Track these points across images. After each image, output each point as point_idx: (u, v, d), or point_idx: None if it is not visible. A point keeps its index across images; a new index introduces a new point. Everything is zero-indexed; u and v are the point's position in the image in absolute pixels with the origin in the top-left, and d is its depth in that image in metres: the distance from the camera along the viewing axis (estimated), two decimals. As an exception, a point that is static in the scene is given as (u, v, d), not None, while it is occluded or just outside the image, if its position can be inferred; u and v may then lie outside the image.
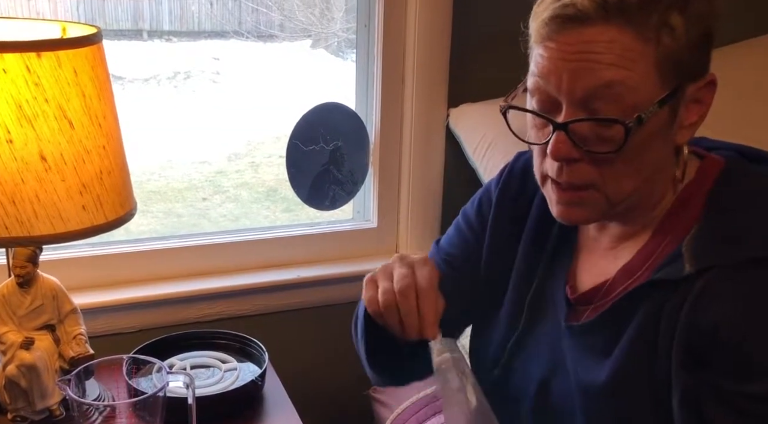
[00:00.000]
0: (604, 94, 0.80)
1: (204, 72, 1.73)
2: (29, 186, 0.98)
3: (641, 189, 0.86)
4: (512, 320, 1.00)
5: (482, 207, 1.06)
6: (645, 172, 0.85)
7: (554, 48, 0.81)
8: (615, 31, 0.79)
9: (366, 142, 1.58)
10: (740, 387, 0.78)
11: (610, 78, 0.79)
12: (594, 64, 0.79)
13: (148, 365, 1.08)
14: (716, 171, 0.88)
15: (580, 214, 0.87)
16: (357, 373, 1.62)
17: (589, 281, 0.94)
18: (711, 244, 0.82)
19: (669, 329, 0.82)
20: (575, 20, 0.79)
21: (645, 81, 0.80)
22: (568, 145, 0.82)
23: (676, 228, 0.87)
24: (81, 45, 0.99)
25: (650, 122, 0.80)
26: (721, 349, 0.79)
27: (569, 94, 0.81)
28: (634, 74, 0.79)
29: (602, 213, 0.87)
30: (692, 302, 0.80)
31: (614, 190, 0.84)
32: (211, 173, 1.76)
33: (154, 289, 1.45)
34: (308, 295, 1.56)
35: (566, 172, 0.84)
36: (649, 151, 0.83)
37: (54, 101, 0.98)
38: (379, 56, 1.51)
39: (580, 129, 0.81)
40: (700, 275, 0.81)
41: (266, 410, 1.27)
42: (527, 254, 1.00)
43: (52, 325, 1.16)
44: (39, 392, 1.12)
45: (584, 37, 0.79)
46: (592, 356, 0.89)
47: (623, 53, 0.79)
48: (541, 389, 0.95)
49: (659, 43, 0.79)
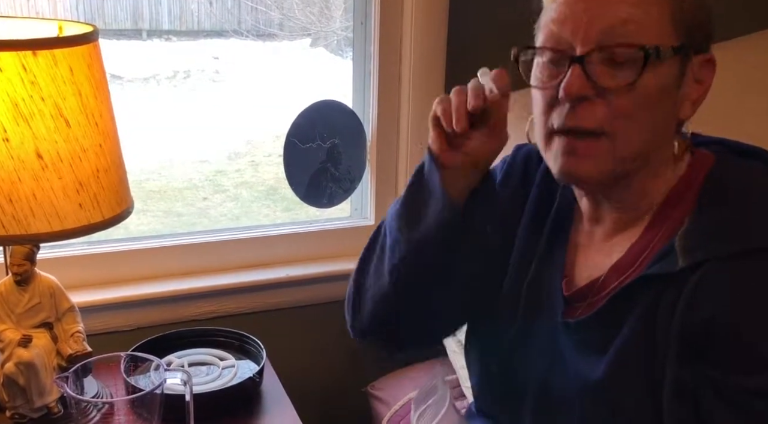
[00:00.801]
0: (620, 32, 0.81)
1: (203, 71, 1.73)
2: (26, 184, 0.99)
3: (644, 150, 0.85)
4: (509, 313, 1.00)
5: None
6: (652, 129, 0.85)
7: None
8: None
9: (363, 140, 1.59)
10: (737, 381, 0.78)
11: (626, 16, 0.81)
12: (610, 2, 0.81)
13: (146, 363, 1.08)
14: (706, 166, 0.89)
15: (585, 166, 0.85)
16: (355, 370, 1.63)
17: (584, 276, 0.94)
18: (703, 238, 0.82)
19: (665, 324, 0.82)
20: None
21: (659, 25, 0.82)
22: (582, 79, 0.82)
23: (667, 223, 0.87)
24: (77, 44, 1.00)
25: (663, 66, 0.82)
26: (718, 342, 0.79)
27: (585, 35, 0.82)
28: (649, 16, 0.82)
29: (606, 170, 0.85)
30: (688, 296, 0.80)
31: (623, 139, 0.84)
32: (211, 172, 1.76)
33: (152, 287, 1.45)
34: (306, 292, 1.57)
35: (578, 113, 0.83)
36: (658, 105, 0.84)
37: (50, 100, 0.98)
38: (376, 54, 1.52)
39: (595, 66, 0.82)
40: (694, 269, 0.81)
41: (264, 407, 1.28)
42: (523, 247, 1.00)
43: (50, 323, 1.16)
44: (37, 389, 1.13)
45: None
46: (588, 353, 0.89)
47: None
48: (543, 386, 0.95)
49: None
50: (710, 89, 0.88)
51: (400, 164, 1.59)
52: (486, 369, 1.02)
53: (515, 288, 1.00)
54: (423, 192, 0.93)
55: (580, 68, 0.82)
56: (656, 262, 0.85)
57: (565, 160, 0.86)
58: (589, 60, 0.82)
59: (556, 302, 0.95)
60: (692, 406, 0.81)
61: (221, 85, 1.72)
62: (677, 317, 0.81)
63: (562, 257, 0.97)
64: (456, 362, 1.43)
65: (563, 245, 0.98)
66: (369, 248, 1.03)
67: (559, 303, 0.95)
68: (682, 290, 0.81)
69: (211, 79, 1.73)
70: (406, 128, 1.55)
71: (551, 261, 0.98)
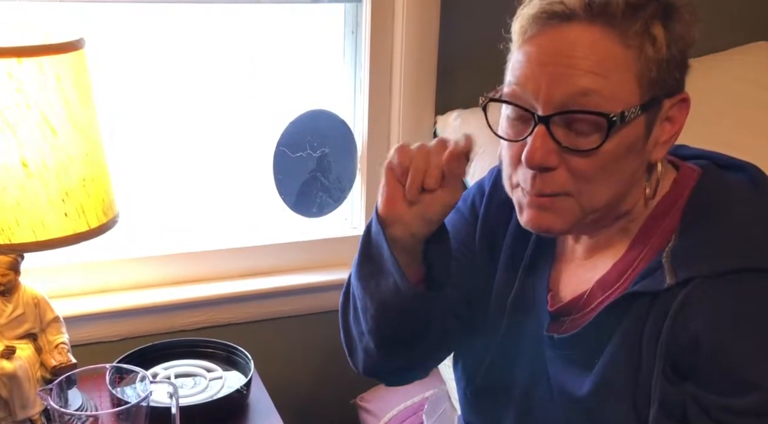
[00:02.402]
0: (581, 102, 0.80)
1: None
2: (10, 193, 0.97)
3: (612, 201, 0.85)
4: (494, 325, 0.99)
5: (475, 204, 1.06)
6: (618, 185, 0.84)
7: (534, 52, 0.82)
8: (598, 33, 0.79)
9: (353, 149, 1.58)
10: (720, 401, 0.78)
11: (587, 86, 0.79)
12: (571, 69, 0.79)
13: (132, 374, 1.07)
14: (692, 182, 0.88)
15: (550, 220, 0.85)
16: (343, 382, 1.61)
17: (569, 291, 0.94)
18: (691, 255, 0.82)
19: (652, 341, 0.82)
20: (561, 17, 0.80)
21: (622, 90, 0.80)
22: (546, 146, 0.81)
23: (652, 239, 0.87)
24: (63, 51, 0.99)
25: (629, 127, 0.81)
26: (702, 362, 0.79)
27: (546, 100, 0.81)
28: (610, 84, 0.79)
29: (573, 222, 0.85)
30: (674, 313, 0.80)
31: (588, 199, 0.84)
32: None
33: (138, 297, 1.43)
34: (295, 303, 1.55)
35: (540, 181, 0.83)
36: (624, 163, 0.83)
37: (36, 107, 0.97)
38: (367, 63, 1.51)
39: (559, 127, 0.81)
40: (680, 287, 0.80)
41: (251, 419, 1.26)
42: (508, 260, 1.00)
43: (34, 334, 1.15)
44: (20, 401, 1.11)
45: (567, 36, 0.80)
46: (573, 369, 0.89)
47: (603, 60, 0.79)
48: (524, 398, 0.95)
49: (641, 52, 0.80)
50: (692, 108, 0.86)
51: (391, 174, 1.58)
52: (471, 382, 1.02)
53: (501, 302, 0.99)
54: (375, 259, 0.92)
55: (544, 129, 0.81)
56: (642, 278, 0.85)
57: (529, 213, 0.86)
58: (553, 121, 0.81)
59: (541, 317, 0.95)
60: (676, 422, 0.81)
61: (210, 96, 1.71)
62: (663, 334, 0.80)
63: (547, 271, 0.97)
64: (445, 373, 1.42)
65: (548, 258, 0.97)
66: (345, 300, 1.02)
67: (545, 318, 0.94)
68: (668, 308, 0.80)
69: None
70: (396, 138, 1.55)
71: (536, 275, 0.98)
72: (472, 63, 1.54)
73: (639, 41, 0.80)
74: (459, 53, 1.52)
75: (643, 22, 0.80)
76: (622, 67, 0.80)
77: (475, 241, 1.03)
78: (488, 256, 1.02)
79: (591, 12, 0.79)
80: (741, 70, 1.62)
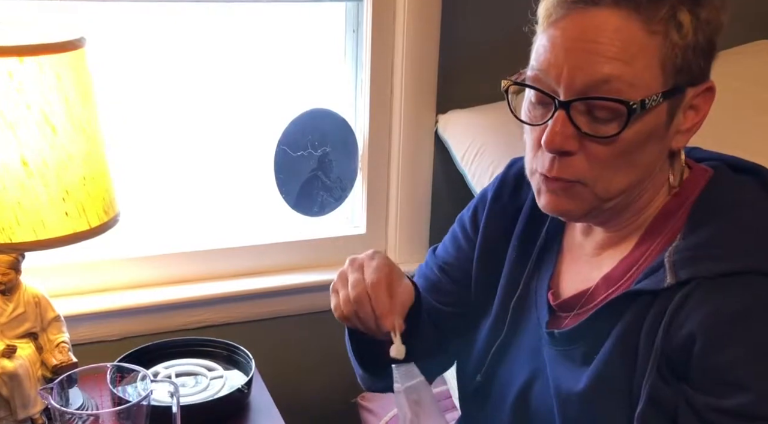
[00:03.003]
0: (602, 89, 0.79)
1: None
2: (11, 192, 0.97)
3: (631, 191, 0.85)
4: (497, 326, 1.00)
5: (477, 213, 1.06)
6: (636, 173, 0.84)
7: (558, 35, 0.81)
8: (624, 18, 0.79)
9: (354, 148, 1.58)
10: (710, 402, 0.78)
11: (609, 73, 0.79)
12: (594, 56, 0.79)
13: (133, 373, 1.07)
14: (703, 182, 0.88)
15: (567, 205, 0.86)
16: (344, 381, 1.61)
17: (572, 287, 0.94)
18: (692, 256, 0.82)
19: (649, 340, 0.81)
20: (587, 1, 0.80)
21: (645, 76, 0.80)
22: (566, 131, 0.81)
23: (659, 238, 0.87)
24: (64, 50, 0.99)
25: (650, 114, 0.80)
26: (696, 361, 0.79)
27: (568, 86, 0.81)
28: (633, 70, 0.79)
29: (589, 208, 0.86)
30: (672, 313, 0.80)
31: (604, 188, 0.84)
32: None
33: (140, 296, 1.43)
34: (296, 302, 1.55)
35: (557, 166, 0.83)
36: (643, 150, 0.83)
37: (36, 106, 0.97)
38: (368, 62, 1.51)
39: (579, 113, 0.81)
40: (680, 287, 0.80)
41: (252, 418, 1.26)
42: (514, 261, 1.00)
43: (35, 333, 1.15)
44: (21, 400, 1.11)
45: (592, 20, 0.79)
46: (571, 364, 0.89)
47: (627, 46, 0.79)
48: (521, 395, 0.95)
49: (666, 38, 0.79)
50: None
51: (392, 173, 1.58)
52: (472, 380, 1.02)
53: (506, 303, 1.00)
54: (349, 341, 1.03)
55: (564, 114, 0.81)
56: (645, 277, 0.85)
57: (547, 197, 0.87)
58: (573, 106, 0.81)
59: (542, 313, 0.95)
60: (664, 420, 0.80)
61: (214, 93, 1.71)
62: (660, 332, 0.80)
63: (551, 268, 0.97)
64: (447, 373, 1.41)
65: (554, 255, 0.98)
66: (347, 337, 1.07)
67: (544, 313, 0.94)
68: (667, 307, 0.80)
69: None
70: (397, 137, 1.55)
71: (540, 273, 0.98)
72: (473, 62, 1.54)
73: (664, 27, 0.79)
74: (460, 52, 1.52)
75: (669, 7, 0.79)
76: (647, 53, 0.79)
77: (473, 258, 1.04)
78: (490, 264, 1.02)
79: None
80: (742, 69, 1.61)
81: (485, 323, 1.02)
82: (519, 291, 0.98)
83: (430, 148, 1.56)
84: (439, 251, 1.11)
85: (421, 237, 1.61)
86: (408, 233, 1.61)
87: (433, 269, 1.08)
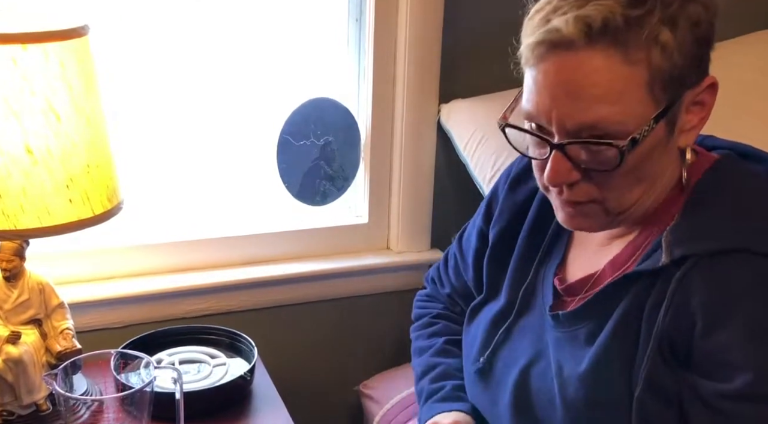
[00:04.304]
0: (593, 132, 0.80)
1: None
2: (15, 180, 0.98)
3: (644, 197, 0.86)
4: (505, 311, 1.01)
5: (492, 204, 1.09)
6: (646, 182, 0.85)
7: (540, 79, 0.81)
8: (602, 56, 0.77)
9: (357, 138, 1.58)
10: (713, 386, 0.78)
11: (596, 117, 0.78)
12: (579, 101, 0.78)
13: (136, 360, 1.08)
14: (706, 166, 0.88)
15: (583, 223, 0.88)
16: (346, 369, 1.62)
17: (579, 272, 0.95)
18: (688, 234, 0.82)
19: (650, 322, 0.82)
20: (561, 46, 0.78)
21: (635, 107, 0.79)
22: (565, 167, 0.82)
23: (662, 221, 0.87)
24: (68, 37, 0.99)
25: (646, 140, 0.80)
26: (697, 344, 0.79)
27: (559, 130, 0.81)
28: (621, 107, 0.78)
29: (606, 222, 0.88)
30: (671, 294, 0.80)
31: (616, 204, 0.85)
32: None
33: (143, 284, 1.44)
34: (298, 291, 1.56)
35: (566, 193, 0.85)
36: (649, 162, 0.83)
37: (41, 94, 0.97)
38: (371, 51, 1.51)
39: (575, 151, 0.82)
40: (678, 266, 0.81)
41: (255, 405, 1.27)
42: (525, 248, 1.02)
43: (39, 319, 1.15)
44: (26, 386, 1.12)
45: (571, 63, 0.78)
46: (574, 346, 0.90)
47: (610, 85, 0.77)
48: (522, 377, 0.96)
49: (650, 63, 0.78)
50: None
51: (394, 162, 1.58)
52: (476, 362, 1.03)
53: (515, 289, 1.01)
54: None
55: (561, 154, 0.82)
56: (646, 258, 0.85)
57: (563, 216, 0.89)
58: (568, 146, 0.81)
59: (547, 296, 0.96)
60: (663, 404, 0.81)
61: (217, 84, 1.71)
62: (660, 314, 0.81)
63: (560, 255, 0.98)
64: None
65: (564, 243, 0.99)
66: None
67: (549, 297, 0.95)
68: (668, 288, 0.81)
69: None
70: (400, 126, 1.55)
71: (549, 259, 0.99)
72: (476, 51, 1.53)
73: (645, 53, 0.77)
74: (463, 42, 1.52)
75: (648, 32, 0.77)
76: (632, 85, 0.78)
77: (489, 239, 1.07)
78: (503, 252, 1.04)
79: (590, 37, 0.77)
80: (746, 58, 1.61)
81: (495, 306, 1.03)
82: (529, 278, 1.00)
83: (433, 138, 1.57)
84: (470, 226, 1.15)
85: (424, 226, 1.62)
86: (410, 223, 1.61)
87: (472, 240, 1.12)
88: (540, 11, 0.81)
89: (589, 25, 0.76)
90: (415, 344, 1.19)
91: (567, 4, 0.78)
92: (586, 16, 0.76)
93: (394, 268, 1.60)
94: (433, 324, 1.19)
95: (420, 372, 1.13)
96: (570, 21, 0.77)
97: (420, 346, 1.17)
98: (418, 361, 1.15)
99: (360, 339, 1.64)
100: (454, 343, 1.13)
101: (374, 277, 1.61)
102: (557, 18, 0.78)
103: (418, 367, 1.14)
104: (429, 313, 1.21)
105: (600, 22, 0.76)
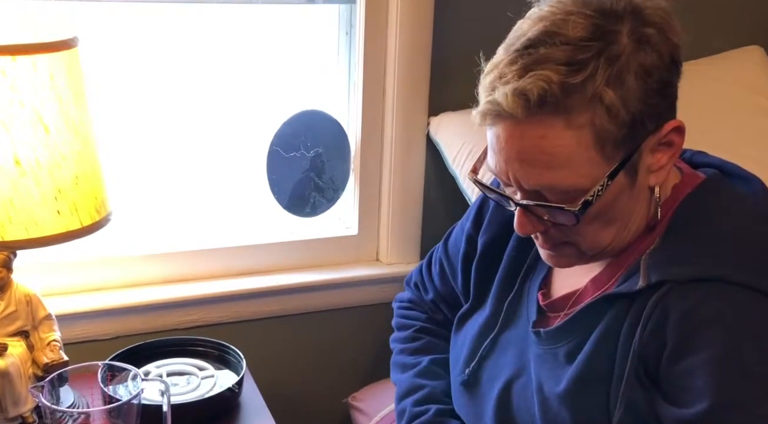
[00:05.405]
0: (549, 195, 0.82)
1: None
2: (3, 191, 0.98)
3: (619, 235, 0.87)
4: (490, 322, 1.02)
5: (481, 213, 1.10)
6: (619, 222, 0.85)
7: (495, 142, 0.83)
8: (542, 126, 0.77)
9: (347, 150, 1.59)
10: (673, 411, 0.78)
11: (550, 181, 0.80)
12: (529, 167, 0.80)
13: (124, 372, 1.07)
14: (689, 189, 0.88)
15: (562, 262, 0.91)
16: (335, 381, 1.62)
17: (562, 289, 0.95)
18: (664, 260, 0.82)
19: (627, 345, 0.82)
20: (504, 117, 0.79)
21: (586, 169, 0.79)
22: (530, 221, 0.85)
23: (645, 242, 0.88)
24: (57, 49, 0.99)
25: (605, 194, 0.80)
26: (665, 368, 0.79)
27: (518, 188, 0.83)
28: (570, 171, 0.79)
29: (584, 260, 0.89)
30: (646, 317, 0.81)
31: (590, 245, 0.87)
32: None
33: (131, 295, 1.43)
34: (287, 302, 1.56)
35: (540, 238, 0.88)
36: (616, 206, 0.83)
37: (30, 105, 0.97)
38: (360, 64, 1.52)
39: (537, 209, 0.84)
40: (655, 290, 0.81)
41: (243, 418, 1.26)
42: (512, 260, 1.02)
43: (26, 331, 1.15)
44: (12, 398, 1.11)
45: (516, 132, 0.79)
46: (554, 364, 0.90)
47: (555, 150, 0.78)
48: (504, 392, 0.96)
49: (594, 126, 0.77)
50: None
51: (384, 174, 1.59)
52: (461, 374, 1.04)
53: (500, 301, 1.01)
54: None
55: (523, 211, 0.84)
56: (624, 281, 0.86)
57: (544, 255, 0.91)
58: (530, 206, 0.83)
59: (531, 312, 0.97)
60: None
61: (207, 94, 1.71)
62: (636, 337, 0.81)
63: (545, 270, 0.99)
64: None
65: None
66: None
67: (533, 313, 0.96)
68: (643, 310, 0.81)
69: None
70: (390, 138, 1.55)
71: (534, 273, 1.00)
72: (465, 65, 1.52)
73: (590, 116, 0.76)
74: (452, 55, 1.53)
75: (591, 94, 0.76)
76: (578, 149, 0.78)
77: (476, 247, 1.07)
78: (491, 262, 1.05)
79: (528, 109, 0.77)
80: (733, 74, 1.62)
81: (480, 317, 1.03)
82: (514, 291, 1.00)
83: (422, 150, 1.57)
84: (457, 229, 1.15)
85: (413, 238, 1.62)
86: (400, 234, 1.61)
87: (460, 242, 1.12)
88: (490, 73, 0.81)
89: (526, 98, 0.76)
90: (397, 357, 1.18)
91: (510, 72, 0.78)
92: (522, 89, 0.76)
93: (384, 280, 1.60)
94: (417, 339, 1.18)
95: (404, 390, 1.11)
96: (508, 95, 0.77)
97: (403, 362, 1.16)
98: (400, 377, 1.14)
99: (349, 351, 1.64)
100: (439, 363, 1.13)
101: (364, 288, 1.61)
102: (499, 89, 0.78)
103: (401, 384, 1.13)
104: (412, 325, 1.20)
105: (536, 96, 0.76)
